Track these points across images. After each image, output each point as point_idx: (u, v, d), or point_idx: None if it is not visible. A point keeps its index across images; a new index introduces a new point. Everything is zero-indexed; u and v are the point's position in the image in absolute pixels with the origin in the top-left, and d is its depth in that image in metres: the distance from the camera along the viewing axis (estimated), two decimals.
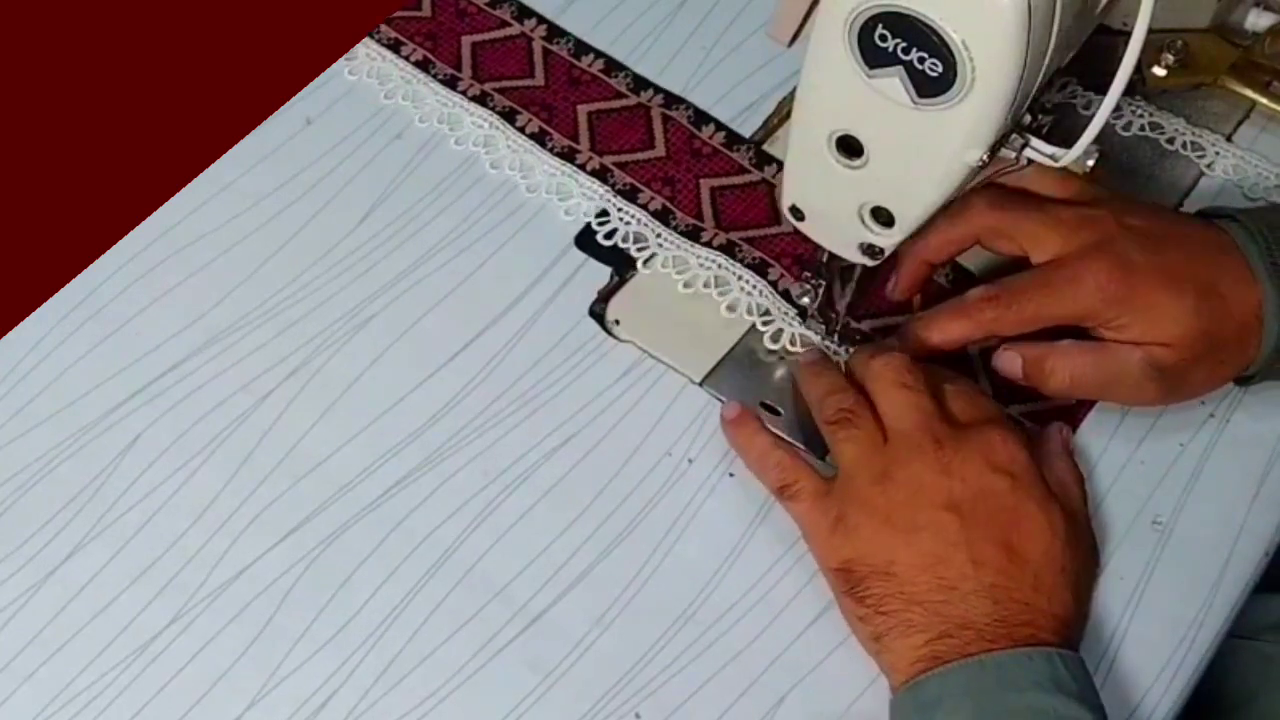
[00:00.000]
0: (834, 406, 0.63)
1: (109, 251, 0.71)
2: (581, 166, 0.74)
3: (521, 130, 0.75)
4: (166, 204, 0.73)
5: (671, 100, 0.76)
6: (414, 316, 0.70)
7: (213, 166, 0.74)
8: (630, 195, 0.73)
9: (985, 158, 0.55)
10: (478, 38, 0.78)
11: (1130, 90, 0.74)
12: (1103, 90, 0.54)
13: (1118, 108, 0.69)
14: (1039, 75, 0.54)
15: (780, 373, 0.69)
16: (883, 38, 0.53)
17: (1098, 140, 0.56)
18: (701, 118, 0.76)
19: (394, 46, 0.77)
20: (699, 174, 0.74)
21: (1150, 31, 0.52)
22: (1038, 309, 0.63)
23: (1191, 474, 0.66)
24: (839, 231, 0.63)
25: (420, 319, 0.70)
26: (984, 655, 0.56)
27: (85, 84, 0.80)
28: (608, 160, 0.74)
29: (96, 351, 0.69)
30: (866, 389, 0.63)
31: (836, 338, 0.69)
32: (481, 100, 0.76)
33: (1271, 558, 0.65)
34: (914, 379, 0.62)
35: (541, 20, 0.79)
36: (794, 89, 0.59)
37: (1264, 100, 0.75)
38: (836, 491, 0.61)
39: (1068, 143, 0.57)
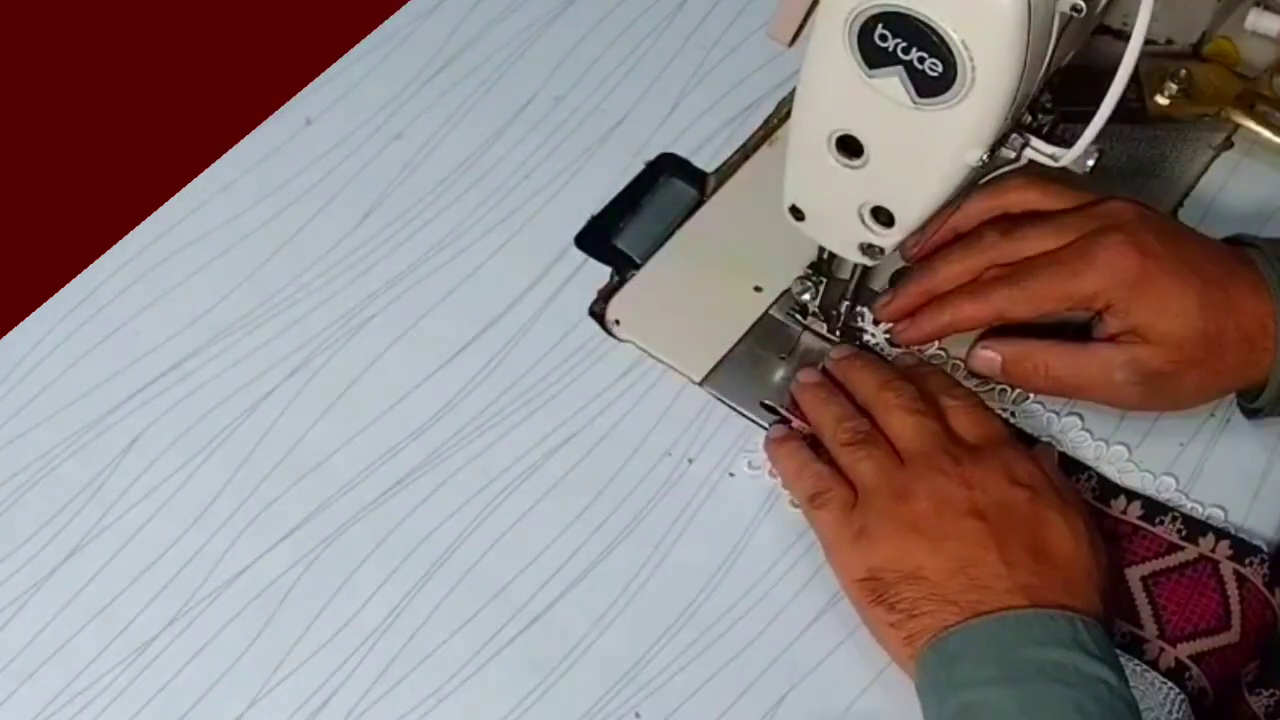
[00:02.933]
0: (849, 430, 0.62)
1: (109, 251, 0.71)
2: None
3: None
4: (166, 204, 0.73)
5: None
6: (414, 316, 0.70)
7: (213, 166, 0.74)
8: None
9: (985, 157, 0.56)
10: None
11: (1131, 118, 0.74)
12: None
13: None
14: (1039, 75, 0.54)
15: (780, 373, 0.69)
16: (883, 37, 0.53)
17: (1097, 140, 0.56)
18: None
19: None
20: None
21: (1153, 56, 0.51)
22: (1048, 287, 0.63)
23: (1191, 474, 0.66)
24: (839, 231, 0.63)
25: (420, 319, 0.70)
26: (1007, 612, 0.56)
27: (85, 84, 0.80)
28: None
29: (96, 351, 0.69)
30: (873, 414, 0.63)
31: (838, 335, 0.69)
32: None
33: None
34: (921, 404, 0.62)
35: None
36: (794, 89, 0.59)
37: (1266, 133, 0.74)
38: (860, 507, 0.60)
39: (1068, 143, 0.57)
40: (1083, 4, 0.52)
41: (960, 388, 0.65)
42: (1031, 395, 0.67)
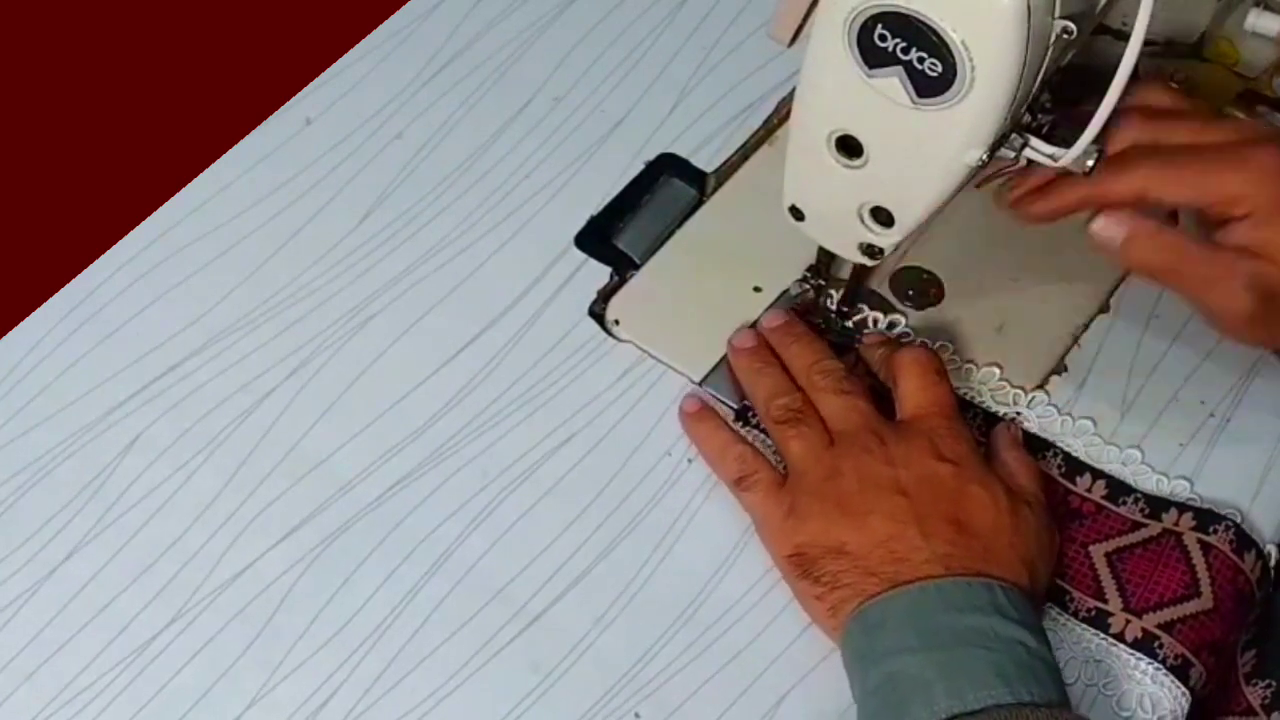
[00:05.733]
0: (782, 407, 0.64)
1: (109, 251, 0.71)
2: None
3: None
4: (166, 204, 0.73)
5: None
6: (414, 316, 0.70)
7: (213, 166, 0.75)
8: None
9: (985, 157, 0.56)
10: None
11: None
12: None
13: None
14: (1039, 75, 0.54)
15: None
16: (882, 37, 0.53)
17: (1097, 140, 0.56)
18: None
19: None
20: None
21: (1153, 56, 0.51)
22: (1197, 175, 0.59)
23: (1191, 473, 0.66)
24: (839, 231, 0.63)
25: (420, 319, 0.70)
26: (925, 581, 0.57)
27: (85, 84, 0.80)
28: None
29: (96, 351, 0.69)
30: (807, 393, 0.64)
31: (834, 335, 0.69)
32: None
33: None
34: (851, 385, 0.64)
35: None
36: (794, 89, 0.59)
37: None
38: (789, 485, 0.62)
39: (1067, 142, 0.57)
40: (1074, 26, 0.52)
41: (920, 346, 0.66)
42: (1048, 397, 0.67)
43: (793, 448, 0.63)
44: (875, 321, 0.69)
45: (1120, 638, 0.61)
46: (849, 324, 0.70)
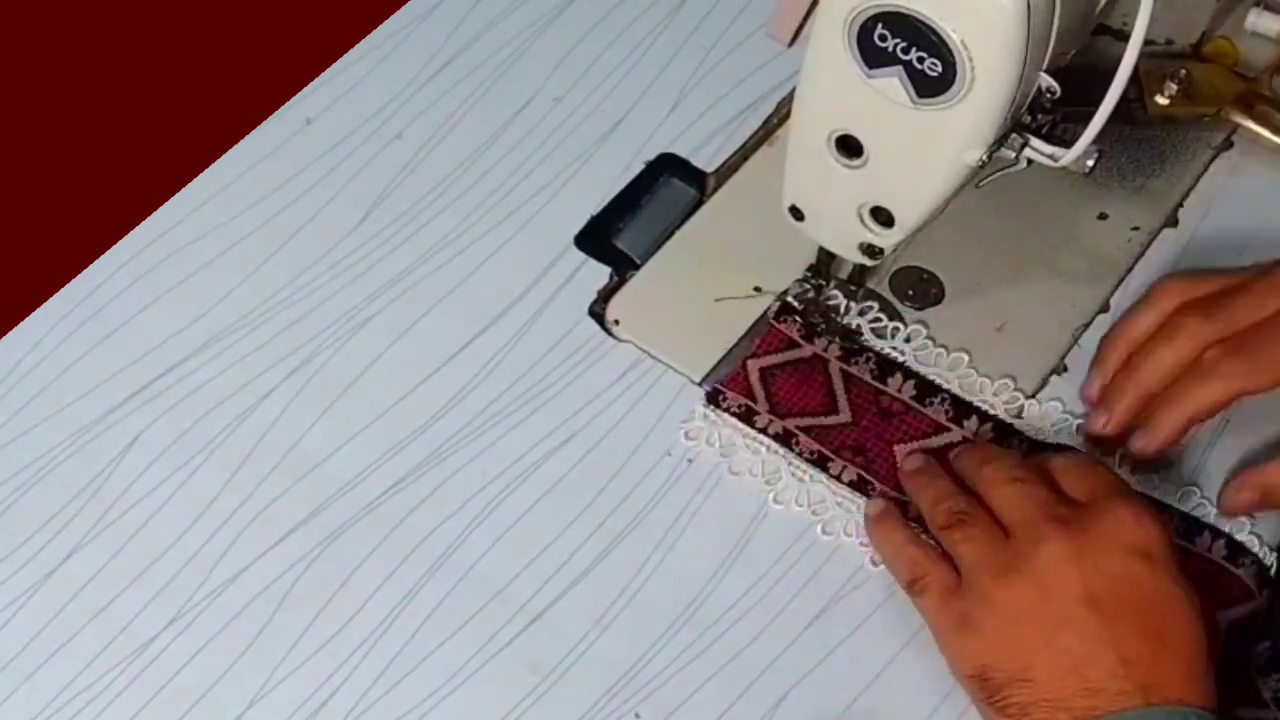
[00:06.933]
0: (945, 512, 0.59)
1: (109, 251, 0.72)
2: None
3: None
4: (166, 204, 0.73)
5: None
6: (414, 316, 0.70)
7: (213, 166, 0.75)
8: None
9: (985, 157, 0.56)
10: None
11: (1131, 119, 0.74)
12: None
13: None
14: (1038, 74, 0.54)
15: None
16: (882, 37, 0.53)
17: (1097, 140, 0.56)
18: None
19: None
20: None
21: (1153, 56, 0.51)
22: None
23: (1191, 473, 0.66)
24: (839, 231, 0.63)
25: (420, 319, 0.70)
26: (1123, 713, 0.52)
27: (85, 84, 0.80)
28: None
29: (96, 351, 0.69)
30: (978, 495, 0.60)
31: (836, 337, 0.69)
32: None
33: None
34: (1023, 472, 0.59)
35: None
36: (794, 89, 0.59)
37: (1266, 133, 0.74)
38: (963, 590, 0.57)
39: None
40: (1056, 86, 0.54)
41: (1069, 448, 0.64)
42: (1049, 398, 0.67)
43: (961, 551, 0.57)
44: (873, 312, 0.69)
45: (764, 432, 0.66)
46: (850, 323, 0.70)
